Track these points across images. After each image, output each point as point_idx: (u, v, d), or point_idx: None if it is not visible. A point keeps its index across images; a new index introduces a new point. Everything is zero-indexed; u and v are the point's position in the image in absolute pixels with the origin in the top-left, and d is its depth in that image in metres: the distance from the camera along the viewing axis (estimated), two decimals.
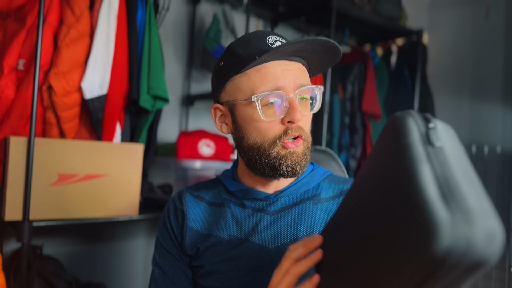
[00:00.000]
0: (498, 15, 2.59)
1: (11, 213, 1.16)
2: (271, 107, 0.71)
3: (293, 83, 0.71)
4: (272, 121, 0.71)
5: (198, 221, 0.81)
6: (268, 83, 0.70)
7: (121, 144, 1.38)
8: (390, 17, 2.28)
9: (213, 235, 0.77)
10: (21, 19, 1.33)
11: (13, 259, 1.38)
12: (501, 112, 2.54)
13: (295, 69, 0.72)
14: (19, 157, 1.16)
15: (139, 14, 1.51)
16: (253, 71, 0.72)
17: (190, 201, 0.83)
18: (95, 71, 1.34)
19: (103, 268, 1.78)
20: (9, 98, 1.28)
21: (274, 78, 0.70)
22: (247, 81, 0.72)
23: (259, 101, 0.70)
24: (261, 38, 0.73)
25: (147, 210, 1.49)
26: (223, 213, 0.79)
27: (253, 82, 0.72)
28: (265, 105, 0.71)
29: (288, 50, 0.70)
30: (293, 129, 0.71)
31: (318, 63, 0.76)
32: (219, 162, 1.74)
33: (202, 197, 0.84)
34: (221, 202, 0.81)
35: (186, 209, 0.82)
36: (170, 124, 1.99)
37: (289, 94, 0.70)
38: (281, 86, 0.70)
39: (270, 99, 0.71)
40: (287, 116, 0.70)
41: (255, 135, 0.73)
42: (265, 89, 0.70)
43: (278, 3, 2.10)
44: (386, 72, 2.44)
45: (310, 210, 0.77)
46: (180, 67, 2.03)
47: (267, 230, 0.75)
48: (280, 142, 0.71)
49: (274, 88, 0.70)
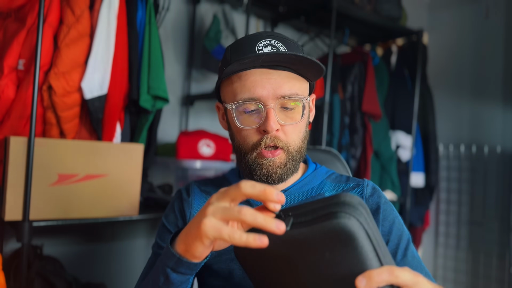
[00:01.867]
0: (498, 15, 2.59)
1: (11, 213, 1.16)
2: (250, 115, 0.72)
3: (272, 93, 0.70)
4: (250, 129, 0.72)
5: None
6: (246, 91, 0.71)
7: (121, 144, 1.38)
8: (390, 17, 2.28)
9: None
10: (21, 19, 1.33)
11: (13, 259, 1.38)
12: (501, 112, 2.54)
13: (277, 78, 0.71)
14: (19, 157, 1.16)
15: (139, 14, 1.51)
16: (235, 77, 0.73)
17: (197, 194, 0.84)
18: (95, 71, 1.34)
19: (103, 268, 1.78)
20: (9, 98, 1.28)
21: (253, 86, 0.71)
22: (230, 86, 0.74)
23: (233, 109, 0.72)
24: (253, 43, 0.73)
25: (147, 210, 1.49)
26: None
27: (234, 89, 0.73)
28: (245, 112, 0.72)
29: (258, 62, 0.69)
30: (268, 138, 0.71)
31: (306, 72, 0.74)
32: (219, 162, 1.74)
33: (209, 192, 0.84)
34: None
35: (192, 200, 0.83)
36: (170, 124, 1.99)
37: (268, 104, 0.70)
38: (258, 96, 0.70)
39: (246, 107, 0.72)
40: (262, 125, 0.71)
41: (238, 139, 0.75)
42: (242, 97, 0.71)
43: (278, 3, 2.10)
44: (386, 72, 2.44)
45: None
46: (180, 67, 2.03)
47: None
48: (256, 150, 0.72)
49: (250, 97, 0.71)
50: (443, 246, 2.75)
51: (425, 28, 2.84)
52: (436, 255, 2.79)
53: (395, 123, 2.43)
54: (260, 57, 0.68)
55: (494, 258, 2.49)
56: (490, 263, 2.51)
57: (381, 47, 2.68)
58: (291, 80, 0.73)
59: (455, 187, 2.71)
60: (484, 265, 2.53)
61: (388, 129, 2.41)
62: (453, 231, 2.71)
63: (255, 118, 0.72)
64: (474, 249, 2.60)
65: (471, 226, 2.62)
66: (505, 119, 2.52)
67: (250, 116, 0.72)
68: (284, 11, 2.17)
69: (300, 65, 0.71)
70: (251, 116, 0.72)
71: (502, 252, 2.45)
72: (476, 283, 2.57)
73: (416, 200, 2.55)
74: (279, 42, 0.74)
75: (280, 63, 0.71)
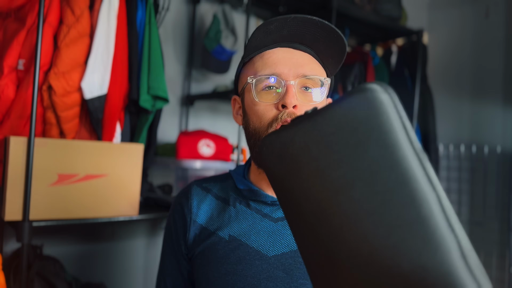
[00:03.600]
0: (498, 15, 2.59)
1: (11, 213, 1.16)
2: (269, 92, 0.71)
3: (293, 71, 0.70)
4: (268, 105, 0.71)
5: (203, 215, 0.80)
6: (267, 68, 0.71)
7: (121, 144, 1.38)
8: (390, 17, 2.28)
9: (214, 233, 0.76)
10: (21, 19, 1.33)
11: (13, 259, 1.38)
12: (501, 112, 2.54)
13: (299, 58, 0.72)
14: (19, 157, 1.16)
15: (139, 14, 1.51)
16: (257, 57, 0.73)
17: (197, 194, 0.82)
18: (95, 71, 1.34)
19: (103, 268, 1.78)
20: (9, 98, 1.28)
21: (274, 63, 0.71)
22: (252, 67, 0.74)
23: (253, 82, 0.71)
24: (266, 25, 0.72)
25: (147, 210, 1.49)
26: (227, 211, 0.78)
27: (256, 67, 0.73)
28: (263, 89, 0.71)
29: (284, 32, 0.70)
30: (286, 113, 0.69)
31: (328, 54, 0.74)
32: (219, 162, 1.73)
33: (210, 189, 0.83)
34: (227, 198, 0.80)
35: (192, 203, 0.81)
36: (170, 124, 1.99)
37: (288, 80, 0.70)
38: (279, 72, 0.70)
39: (266, 82, 0.71)
40: (281, 100, 0.69)
41: (254, 120, 0.72)
42: (263, 73, 0.71)
43: (278, 3, 2.10)
44: (386, 72, 2.44)
45: None
46: (180, 67, 2.02)
47: (268, 236, 0.73)
48: (272, 127, 0.70)
49: (272, 73, 0.70)
50: None
51: (425, 28, 2.84)
52: None
53: None
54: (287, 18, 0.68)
55: (494, 258, 2.49)
56: (490, 263, 2.51)
57: (381, 47, 2.68)
58: (312, 62, 0.73)
59: (455, 187, 2.71)
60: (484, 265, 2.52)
61: None
62: None
63: (274, 94, 0.71)
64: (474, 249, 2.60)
65: (471, 226, 2.62)
66: (505, 119, 2.52)
67: (268, 93, 0.71)
68: (284, 11, 2.17)
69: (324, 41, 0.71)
70: (268, 93, 0.71)
71: (502, 252, 2.45)
72: None
73: None
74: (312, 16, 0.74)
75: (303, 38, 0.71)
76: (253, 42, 0.72)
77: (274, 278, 0.71)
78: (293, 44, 0.72)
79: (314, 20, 0.68)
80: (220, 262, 0.74)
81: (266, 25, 0.69)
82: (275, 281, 0.70)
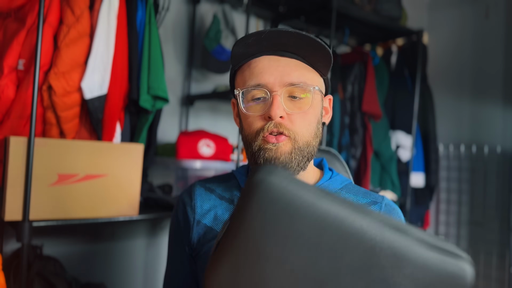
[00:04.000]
0: (498, 15, 2.59)
1: (11, 213, 1.16)
2: (257, 103, 0.72)
3: (279, 80, 0.70)
4: (256, 115, 0.72)
5: (207, 215, 0.79)
6: (254, 78, 0.71)
7: (121, 144, 1.38)
8: (390, 17, 2.28)
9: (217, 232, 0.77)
10: (21, 19, 1.33)
11: (13, 259, 1.38)
12: (501, 112, 2.54)
13: (285, 66, 0.71)
14: (19, 157, 1.16)
15: (139, 14, 1.51)
16: (245, 66, 0.74)
17: (200, 194, 0.82)
18: (95, 71, 1.34)
19: (103, 268, 1.78)
20: (9, 98, 1.28)
21: (260, 73, 0.71)
22: (241, 75, 0.75)
23: (239, 95, 0.72)
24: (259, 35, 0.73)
25: (147, 210, 1.49)
26: (231, 210, 0.78)
27: (244, 77, 0.74)
28: (252, 99, 0.72)
29: (264, 44, 0.70)
30: (272, 123, 0.70)
31: (314, 59, 0.73)
32: (219, 162, 1.73)
33: (213, 189, 0.83)
34: (231, 197, 0.80)
35: (196, 203, 0.81)
36: (170, 124, 1.99)
37: (274, 90, 0.70)
38: (265, 82, 0.70)
39: (254, 94, 0.72)
40: (267, 111, 0.70)
41: (245, 127, 0.75)
42: (250, 84, 0.71)
43: (278, 3, 2.10)
44: (386, 72, 2.44)
45: None
46: (180, 67, 2.02)
47: None
48: (260, 136, 0.71)
49: (257, 83, 0.71)
50: None
51: (425, 28, 2.84)
52: None
53: (395, 123, 2.43)
54: (262, 33, 0.68)
55: (494, 258, 2.49)
56: (490, 263, 2.51)
57: (381, 47, 2.68)
58: (300, 69, 0.72)
59: (455, 187, 2.71)
60: (484, 265, 2.53)
61: (388, 129, 2.41)
62: (453, 231, 2.71)
63: (262, 105, 0.72)
64: (474, 249, 2.60)
65: (471, 226, 2.62)
66: (505, 119, 2.52)
67: (257, 104, 0.72)
68: (284, 11, 2.17)
69: (307, 48, 0.70)
70: (257, 104, 0.72)
71: (502, 252, 2.45)
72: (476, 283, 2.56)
73: (416, 200, 2.55)
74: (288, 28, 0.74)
75: (286, 47, 0.71)
76: (236, 53, 0.72)
77: None
78: (279, 51, 0.72)
79: (291, 31, 0.68)
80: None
81: (243, 39, 0.70)
82: None
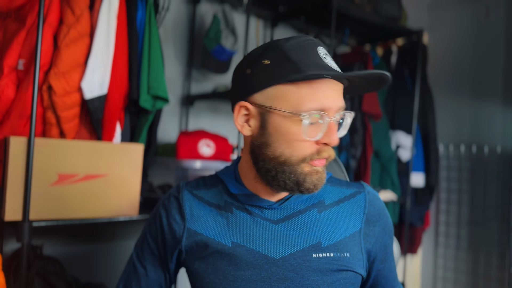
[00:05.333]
0: (498, 15, 2.59)
1: (11, 213, 1.16)
2: (313, 126, 0.68)
3: (336, 105, 0.69)
4: (309, 141, 0.69)
5: (197, 222, 0.77)
6: (316, 101, 0.67)
7: (121, 144, 1.38)
8: (390, 17, 2.28)
9: (214, 241, 0.75)
10: (21, 19, 1.33)
11: (13, 259, 1.38)
12: (501, 112, 2.54)
13: (339, 90, 0.71)
14: (19, 157, 1.16)
15: (139, 14, 1.51)
16: (304, 84, 0.68)
17: (188, 200, 0.80)
18: (95, 71, 1.34)
19: (103, 268, 1.78)
20: (9, 98, 1.28)
21: (323, 96, 0.68)
22: (296, 92, 0.67)
23: (306, 120, 0.67)
24: (313, 48, 0.71)
25: (147, 210, 1.49)
26: (225, 217, 0.76)
27: (302, 96, 0.67)
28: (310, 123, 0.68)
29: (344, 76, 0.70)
30: (326, 150, 0.70)
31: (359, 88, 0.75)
32: (219, 162, 1.73)
33: (201, 197, 0.80)
34: (222, 204, 0.78)
35: (185, 210, 0.79)
36: (170, 124, 1.99)
37: (331, 116, 0.69)
38: (326, 107, 0.68)
39: (316, 119, 0.68)
40: (325, 138, 0.69)
41: (284, 147, 0.69)
42: (312, 107, 0.67)
43: (278, 3, 2.10)
44: None
45: (315, 218, 0.76)
46: (180, 67, 2.02)
47: (272, 239, 0.73)
48: (307, 160, 0.69)
49: (320, 107, 0.68)
50: (443, 246, 2.75)
51: (425, 28, 2.84)
52: (436, 255, 2.79)
53: (395, 123, 2.43)
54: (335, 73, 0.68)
55: (494, 258, 2.49)
56: (490, 263, 2.51)
57: (381, 47, 2.68)
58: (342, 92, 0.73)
59: (455, 187, 2.71)
60: (484, 265, 2.53)
61: (388, 129, 2.41)
62: (453, 231, 2.71)
63: (315, 130, 0.69)
64: (474, 249, 2.60)
65: (471, 226, 2.62)
66: (505, 119, 2.52)
67: (311, 127, 0.68)
68: (284, 11, 2.17)
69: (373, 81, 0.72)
70: (311, 127, 0.68)
71: (502, 252, 2.45)
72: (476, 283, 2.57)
73: (416, 200, 2.55)
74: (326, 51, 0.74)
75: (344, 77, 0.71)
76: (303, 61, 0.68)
77: (285, 279, 0.71)
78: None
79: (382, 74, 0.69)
80: (227, 270, 0.73)
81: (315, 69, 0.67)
82: (286, 282, 0.71)
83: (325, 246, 0.74)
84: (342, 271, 0.74)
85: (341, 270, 0.73)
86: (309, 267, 0.72)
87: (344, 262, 0.74)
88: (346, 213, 0.78)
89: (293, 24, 2.38)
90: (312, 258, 0.72)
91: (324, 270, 0.72)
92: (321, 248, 0.73)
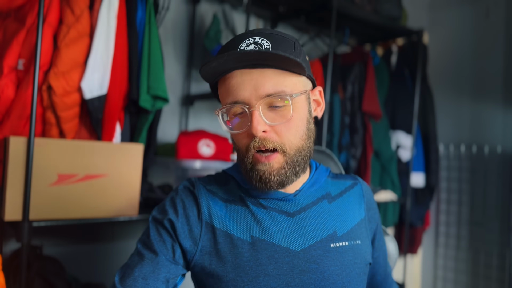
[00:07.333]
0: (498, 15, 2.59)
1: (11, 213, 1.16)
2: (240, 118, 0.71)
3: (254, 93, 0.68)
4: (240, 133, 0.71)
5: (216, 217, 0.75)
6: (230, 95, 0.70)
7: (121, 144, 1.38)
8: (390, 17, 2.27)
9: (233, 236, 0.73)
10: (21, 19, 1.33)
11: (13, 259, 1.38)
12: (501, 112, 2.54)
13: (259, 77, 0.68)
14: (19, 157, 1.16)
15: (139, 14, 1.51)
16: (220, 82, 0.73)
17: (204, 194, 0.78)
18: (95, 71, 1.34)
19: (103, 268, 1.78)
20: (9, 98, 1.28)
21: (235, 89, 0.69)
22: (219, 91, 0.74)
23: (219, 116, 0.72)
24: (237, 43, 0.71)
25: (147, 210, 1.49)
26: (241, 212, 0.75)
27: (221, 93, 0.73)
28: (234, 115, 0.72)
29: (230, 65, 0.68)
30: (257, 140, 0.69)
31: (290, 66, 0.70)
32: (219, 162, 1.73)
33: (215, 192, 0.79)
34: (237, 199, 0.77)
35: (202, 204, 0.76)
36: (170, 124, 1.99)
37: (252, 105, 0.68)
38: (241, 99, 0.69)
39: (234, 111, 0.71)
40: (248, 129, 0.69)
41: (235, 142, 0.75)
42: (227, 102, 0.70)
43: (278, 3, 2.10)
44: (386, 72, 2.44)
45: (328, 209, 0.78)
46: (180, 67, 2.02)
47: (291, 232, 0.73)
48: (250, 152, 0.71)
49: (234, 100, 0.69)
50: (443, 246, 2.75)
51: (425, 28, 2.84)
52: (437, 255, 2.79)
53: (395, 123, 2.43)
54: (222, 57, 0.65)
55: (494, 258, 2.49)
56: (490, 263, 2.50)
57: (381, 47, 2.68)
58: (274, 77, 0.69)
59: (455, 187, 2.71)
60: (484, 265, 2.53)
61: (388, 129, 2.41)
62: (453, 231, 2.71)
63: (244, 121, 0.70)
64: (474, 249, 2.60)
65: (471, 226, 2.62)
66: (506, 119, 2.52)
67: (240, 119, 0.72)
68: (284, 11, 2.17)
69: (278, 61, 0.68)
70: (241, 119, 0.71)
71: (502, 252, 2.45)
72: (476, 283, 2.56)
73: (417, 200, 2.55)
74: (264, 39, 0.70)
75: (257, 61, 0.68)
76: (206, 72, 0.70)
77: (307, 271, 0.71)
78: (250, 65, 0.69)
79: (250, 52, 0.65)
80: (248, 265, 0.70)
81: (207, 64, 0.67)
82: (308, 274, 0.71)
83: (340, 235, 0.76)
84: (357, 259, 0.77)
85: (355, 257, 0.76)
86: (329, 257, 0.73)
87: (357, 249, 0.77)
88: (350, 203, 0.82)
89: (293, 24, 2.38)
90: (330, 248, 0.74)
91: (342, 259, 0.74)
92: (337, 238, 0.75)
